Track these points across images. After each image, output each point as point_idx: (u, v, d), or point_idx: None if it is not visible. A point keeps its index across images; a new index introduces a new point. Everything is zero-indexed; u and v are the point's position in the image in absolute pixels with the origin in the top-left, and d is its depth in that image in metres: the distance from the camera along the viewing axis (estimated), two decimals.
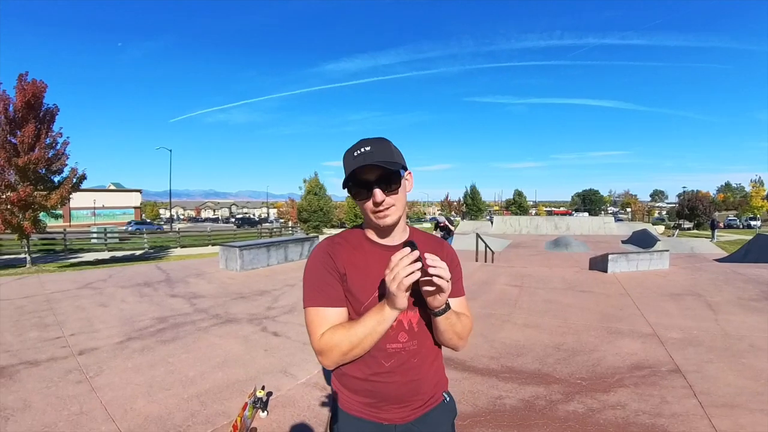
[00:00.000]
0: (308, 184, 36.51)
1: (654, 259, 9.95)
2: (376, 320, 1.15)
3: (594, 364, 4.04)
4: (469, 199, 63.33)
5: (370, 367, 1.24)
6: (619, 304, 6.44)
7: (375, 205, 1.19)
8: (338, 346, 1.18)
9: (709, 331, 5.00)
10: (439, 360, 1.38)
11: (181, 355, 4.33)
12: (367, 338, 1.17)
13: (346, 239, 1.33)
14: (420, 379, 1.27)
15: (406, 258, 1.05)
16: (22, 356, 4.22)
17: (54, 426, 2.92)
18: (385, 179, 1.18)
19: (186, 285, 8.17)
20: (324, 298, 1.24)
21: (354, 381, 1.27)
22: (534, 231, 31.32)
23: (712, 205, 44.84)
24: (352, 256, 1.28)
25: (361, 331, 1.16)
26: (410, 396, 1.26)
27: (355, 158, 1.17)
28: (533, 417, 3.07)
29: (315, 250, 1.32)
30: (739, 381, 3.57)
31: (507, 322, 5.52)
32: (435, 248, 1.33)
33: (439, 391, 1.35)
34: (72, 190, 12.58)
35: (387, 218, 1.22)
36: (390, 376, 1.23)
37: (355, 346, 1.17)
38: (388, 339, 1.22)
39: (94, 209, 51.10)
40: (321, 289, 1.24)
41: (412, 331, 1.25)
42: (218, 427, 2.94)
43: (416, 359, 1.26)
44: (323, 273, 1.25)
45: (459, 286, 1.38)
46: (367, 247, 1.30)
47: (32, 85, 11.46)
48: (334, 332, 1.20)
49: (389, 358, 1.23)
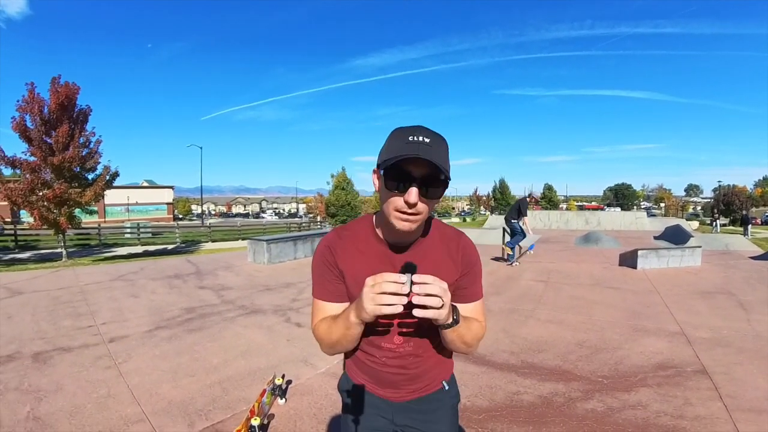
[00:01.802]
0: (336, 179, 36.76)
1: (686, 255, 9.66)
2: (344, 325, 1.09)
3: (617, 363, 3.95)
4: (498, 193, 62.63)
5: (368, 356, 1.25)
6: (647, 302, 6.28)
7: (405, 205, 1.02)
8: (323, 339, 1.19)
9: (739, 331, 4.82)
10: (446, 356, 1.32)
11: (207, 344, 4.46)
12: (342, 340, 1.13)
13: (354, 232, 1.23)
14: (417, 374, 1.26)
15: (391, 285, 0.93)
16: (56, 343, 4.43)
17: (83, 407, 3.06)
18: (430, 182, 1.02)
19: (214, 277, 8.40)
20: (323, 292, 1.23)
21: (357, 360, 1.29)
22: (564, 226, 30.68)
23: (749, 201, 43.08)
24: (354, 252, 1.20)
25: (335, 332, 1.13)
26: (404, 384, 1.26)
27: (408, 144, 0.99)
28: (550, 414, 3.03)
29: (321, 241, 1.27)
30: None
31: (530, 318, 5.45)
32: (450, 249, 1.22)
33: (437, 380, 1.32)
34: (105, 187, 13.03)
35: (409, 225, 1.06)
36: (387, 367, 1.23)
37: (335, 343, 1.16)
38: (383, 338, 1.20)
39: (128, 205, 52.80)
40: (320, 283, 1.23)
41: (409, 335, 1.20)
42: (237, 412, 3.02)
43: (411, 358, 1.23)
44: (323, 267, 1.22)
45: (475, 289, 1.25)
46: (371, 244, 1.20)
47: (65, 87, 11.92)
48: (321, 325, 1.20)
49: (384, 354, 1.22)
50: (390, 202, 1.05)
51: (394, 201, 1.04)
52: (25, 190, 11.40)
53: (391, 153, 1.01)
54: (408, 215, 1.04)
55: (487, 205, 67.42)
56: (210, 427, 2.84)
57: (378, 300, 0.94)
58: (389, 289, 0.93)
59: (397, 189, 1.02)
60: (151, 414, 2.99)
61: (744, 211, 34.98)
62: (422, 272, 0.96)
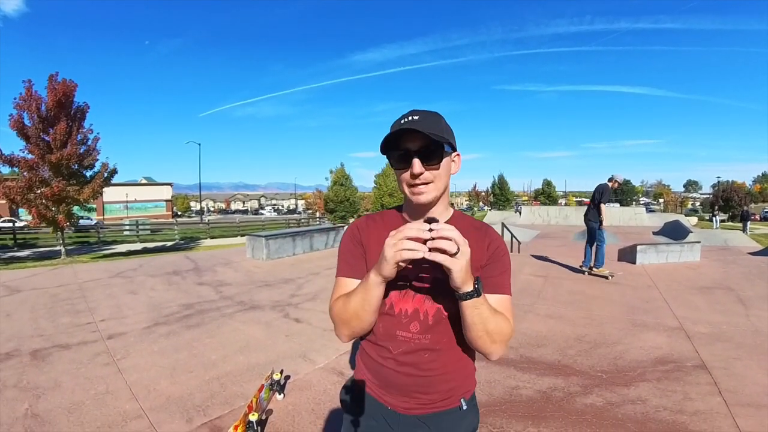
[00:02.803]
0: (334, 175, 36.76)
1: (684, 250, 9.68)
2: (364, 287, 1.07)
3: (616, 357, 3.96)
4: (497, 189, 62.65)
5: (380, 350, 1.19)
6: (646, 297, 6.29)
7: (412, 177, 1.09)
8: (339, 315, 1.16)
9: (738, 326, 4.83)
10: (465, 363, 1.22)
11: (205, 340, 4.45)
12: (362, 308, 1.09)
13: (382, 217, 1.29)
14: (431, 377, 1.15)
15: (412, 230, 0.94)
16: (54, 340, 4.42)
17: (81, 404, 3.05)
18: (427, 151, 1.08)
19: (213, 273, 8.39)
20: (347, 269, 1.23)
21: (369, 359, 1.23)
22: (563, 221, 30.72)
23: (748, 197, 43.10)
24: (380, 232, 1.16)
25: (354, 299, 1.10)
26: (416, 390, 1.16)
27: (401, 125, 1.08)
28: (549, 409, 3.03)
29: (351, 224, 1.31)
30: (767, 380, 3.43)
31: (529, 313, 5.45)
32: (477, 237, 1.18)
33: (455, 395, 1.19)
34: (104, 184, 12.99)
35: (422, 195, 1.11)
36: (398, 365, 1.15)
37: (352, 315, 1.12)
38: (400, 326, 1.15)
39: (127, 203, 52.74)
40: (346, 260, 1.24)
41: (426, 324, 1.14)
42: (236, 408, 3.01)
43: (428, 355, 1.14)
44: (349, 245, 1.25)
45: (501, 280, 1.19)
46: (398, 222, 1.21)
47: (63, 84, 11.84)
48: (337, 301, 1.17)
49: (398, 346, 1.15)
50: (401, 180, 1.13)
51: (404, 177, 1.11)
52: (23, 188, 11.35)
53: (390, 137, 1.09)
54: (418, 185, 1.10)
55: (486, 201, 67.41)
56: (208, 423, 2.84)
57: (399, 246, 0.94)
58: (409, 234, 0.94)
59: (403, 167, 1.10)
60: (149, 410, 2.98)
61: (744, 207, 34.93)
62: None
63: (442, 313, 1.13)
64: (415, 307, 1.14)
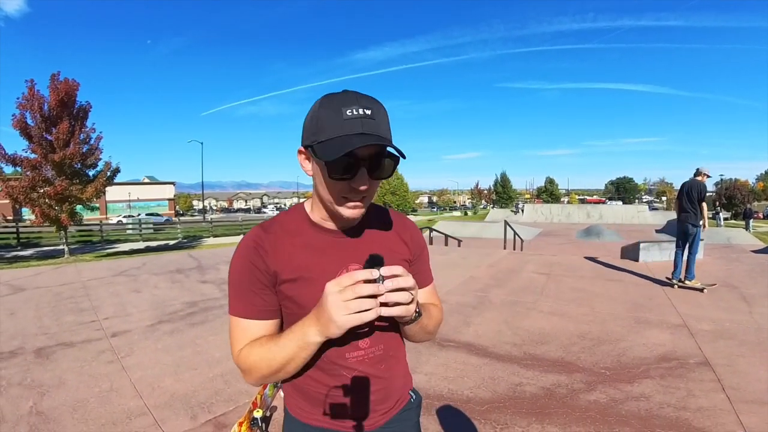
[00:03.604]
0: None
1: None
2: (297, 345, 0.86)
3: (619, 354, 3.95)
4: (499, 187, 62.79)
5: (329, 379, 0.97)
6: (649, 294, 6.27)
7: (351, 190, 0.87)
8: (256, 367, 0.91)
9: (742, 324, 4.81)
10: (404, 357, 1.14)
11: (209, 337, 4.47)
12: (289, 364, 0.89)
13: (282, 225, 1.00)
14: (388, 385, 1.04)
15: (367, 287, 0.77)
16: (58, 338, 4.44)
17: (86, 402, 3.06)
18: (378, 162, 0.86)
19: (216, 271, 8.41)
20: (245, 308, 0.95)
21: (309, 391, 0.99)
22: (566, 219, 30.78)
23: (751, 195, 43.02)
24: (291, 249, 0.95)
25: (281, 354, 0.88)
26: (376, 404, 1.02)
27: (348, 121, 0.81)
28: (553, 405, 3.02)
29: (241, 242, 0.99)
30: None
31: (532, 310, 5.45)
32: (398, 231, 1.08)
33: (406, 391, 1.13)
34: (106, 183, 13.06)
35: (359, 212, 0.91)
36: (354, 389, 0.99)
37: (276, 370, 0.90)
38: (347, 347, 0.95)
39: (129, 202, 52.88)
40: (243, 295, 0.95)
41: (376, 335, 0.98)
42: (240, 404, 3.03)
43: (383, 365, 1.01)
44: (247, 275, 0.94)
45: (427, 273, 1.14)
46: (311, 235, 0.98)
47: (65, 84, 11.92)
48: (251, 350, 0.92)
49: (351, 370, 0.97)
50: (334, 190, 0.88)
51: (339, 187, 0.87)
52: (26, 187, 11.43)
53: (327, 131, 0.83)
54: (356, 201, 0.89)
55: (488, 199, 67.50)
56: (212, 420, 2.84)
57: (352, 307, 0.77)
58: (365, 292, 0.76)
59: (342, 175, 0.84)
60: (153, 407, 2.99)
61: (747, 204, 34.83)
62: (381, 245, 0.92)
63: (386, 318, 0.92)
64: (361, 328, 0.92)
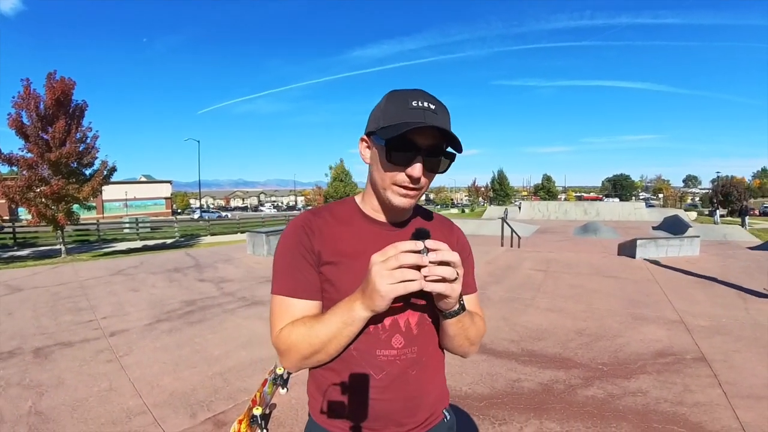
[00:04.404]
0: (334, 171, 36.91)
1: (684, 245, 9.71)
2: (343, 321, 0.86)
3: (616, 350, 3.97)
4: (496, 184, 63.00)
5: (356, 379, 0.95)
6: (646, 291, 6.31)
7: (407, 179, 0.89)
8: (296, 347, 0.90)
9: (738, 319, 4.85)
10: (442, 370, 1.09)
11: (207, 336, 4.47)
12: (331, 342, 0.88)
13: (332, 212, 1.02)
14: (420, 395, 0.98)
15: (411, 256, 0.76)
16: (57, 338, 4.43)
17: (85, 401, 3.06)
18: (436, 154, 0.89)
19: (214, 270, 8.41)
20: (292, 286, 0.94)
21: (335, 392, 0.97)
22: (563, 216, 30.89)
23: (747, 192, 43.21)
24: (338, 234, 0.97)
25: (324, 332, 0.87)
26: (406, 417, 0.97)
27: (412, 110, 0.85)
28: (551, 401, 3.04)
29: (290, 223, 1.00)
30: (767, 372, 3.45)
31: (530, 307, 5.47)
32: (444, 233, 1.08)
33: (439, 408, 1.06)
34: (103, 182, 12.99)
35: (409, 201, 0.92)
36: (382, 392, 0.94)
37: (316, 350, 0.89)
38: (380, 344, 0.93)
39: (126, 201, 52.72)
40: (289, 273, 0.95)
41: (411, 335, 0.95)
42: (239, 402, 3.03)
43: (415, 371, 0.97)
44: (295, 254, 0.95)
45: (470, 280, 1.08)
46: (359, 224, 0.99)
47: (61, 82, 11.84)
48: (293, 329, 0.91)
49: (381, 369, 0.94)
50: (389, 175, 0.90)
51: (394, 175, 0.89)
52: (22, 187, 11.35)
53: (392, 120, 0.86)
54: (408, 190, 0.90)
55: (485, 196, 67.66)
56: (212, 418, 2.85)
57: (397, 276, 0.76)
58: (408, 261, 0.75)
59: (401, 163, 0.87)
60: (152, 406, 3.00)
61: (743, 202, 34.95)
62: None
63: (426, 318, 0.98)
64: (394, 318, 0.94)
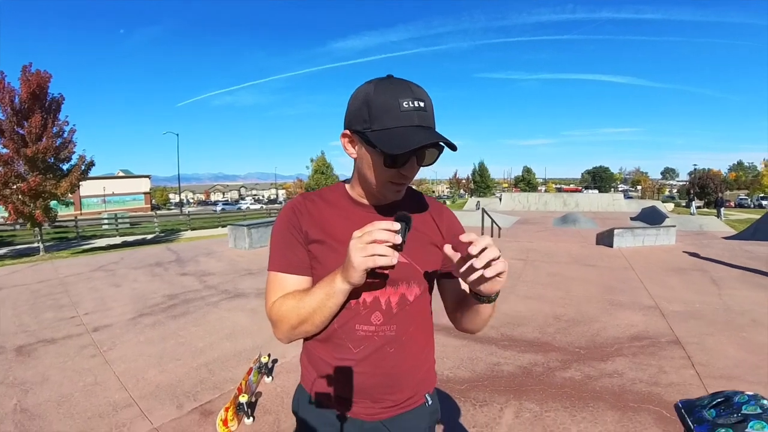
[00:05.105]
0: (315, 164, 36.71)
1: (660, 234, 9.94)
2: (325, 293, 0.93)
3: (594, 334, 4.11)
4: (477, 176, 63.40)
5: (337, 351, 1.02)
6: (623, 278, 6.49)
7: (399, 177, 0.94)
8: (286, 317, 0.98)
9: (711, 305, 5.03)
10: (428, 354, 1.14)
11: (191, 328, 4.48)
12: (316, 313, 0.95)
13: (321, 195, 1.09)
14: (397, 374, 1.04)
15: (384, 232, 0.82)
16: (39, 335, 4.37)
17: (70, 396, 3.06)
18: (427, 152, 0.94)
19: (196, 264, 8.35)
20: (283, 263, 1.04)
21: (321, 363, 1.06)
22: (543, 208, 31.29)
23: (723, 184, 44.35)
24: (325, 215, 1.05)
25: (309, 303, 0.95)
26: (382, 392, 1.04)
27: (406, 112, 0.87)
28: (530, 383, 3.15)
29: (284, 206, 1.11)
30: (738, 354, 3.61)
31: (510, 294, 5.59)
32: (433, 211, 1.13)
33: (421, 391, 1.11)
34: (81, 177, 12.73)
35: (401, 193, 1.01)
36: (359, 365, 1.01)
37: (303, 320, 0.97)
38: (359, 319, 1.00)
39: (104, 196, 51.63)
40: (282, 252, 1.04)
41: (390, 313, 1.01)
42: (225, 392, 3.07)
43: (393, 348, 1.02)
44: (285, 234, 1.05)
45: None
46: (346, 207, 1.06)
47: (36, 75, 11.52)
48: (284, 301, 0.99)
49: (359, 343, 1.01)
50: (384, 176, 0.95)
51: (390, 173, 0.93)
52: None
53: (384, 121, 0.88)
54: (401, 184, 0.97)
55: (466, 188, 68.11)
56: (198, 408, 2.88)
57: (369, 250, 0.81)
58: (381, 237, 0.81)
59: (399, 165, 0.91)
60: (139, 398, 3.01)
61: (719, 194, 35.85)
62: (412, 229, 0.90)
63: (407, 299, 1.03)
64: (374, 295, 1.00)
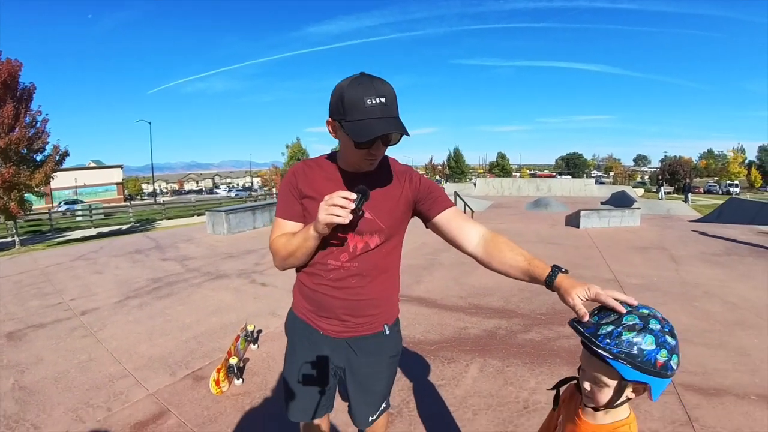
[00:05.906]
0: (290, 150, 36.54)
1: (626, 216, 10.39)
2: (303, 237, 1.27)
3: (554, 303, 4.38)
4: (452, 162, 63.76)
5: (315, 278, 1.38)
6: (587, 255, 6.89)
7: (369, 155, 1.24)
8: (279, 251, 1.34)
9: (668, 279, 5.36)
10: (389, 292, 1.47)
11: (177, 307, 4.66)
12: (298, 250, 1.30)
13: (317, 161, 1.42)
14: (358, 301, 1.37)
15: (341, 199, 1.13)
16: (27, 321, 4.40)
17: (66, 372, 3.20)
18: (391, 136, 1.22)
19: (176, 249, 8.43)
20: (284, 212, 1.39)
21: (304, 288, 1.43)
22: (516, 192, 31.77)
23: (693, 171, 45.78)
24: (317, 176, 1.36)
25: (294, 243, 1.29)
26: (344, 313, 1.38)
27: (369, 107, 1.13)
28: (494, 343, 3.48)
29: (289, 169, 1.43)
30: (688, 320, 3.93)
31: (478, 269, 5.75)
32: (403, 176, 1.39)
33: (379, 321, 1.43)
34: (55, 168, 12.59)
35: (373, 166, 1.30)
36: (330, 290, 1.36)
37: (290, 254, 1.32)
38: (331, 257, 1.33)
39: (76, 188, 50.29)
40: (283, 203, 1.39)
41: (354, 255, 1.33)
42: (215, 360, 3.28)
43: (354, 280, 1.35)
44: (286, 190, 1.38)
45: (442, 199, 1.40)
46: (333, 171, 1.36)
47: (7, 64, 11.32)
48: (279, 239, 1.35)
49: (329, 273, 1.34)
50: (357, 155, 1.24)
51: (361, 152, 1.23)
52: None
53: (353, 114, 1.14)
54: (372, 159, 1.26)
55: (442, 174, 68.53)
56: (191, 374, 3.11)
57: (329, 211, 1.14)
58: (339, 203, 1.14)
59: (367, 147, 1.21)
60: (133, 370, 3.20)
61: (687, 179, 37.03)
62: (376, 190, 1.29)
63: (369, 246, 1.34)
64: (345, 240, 1.32)
